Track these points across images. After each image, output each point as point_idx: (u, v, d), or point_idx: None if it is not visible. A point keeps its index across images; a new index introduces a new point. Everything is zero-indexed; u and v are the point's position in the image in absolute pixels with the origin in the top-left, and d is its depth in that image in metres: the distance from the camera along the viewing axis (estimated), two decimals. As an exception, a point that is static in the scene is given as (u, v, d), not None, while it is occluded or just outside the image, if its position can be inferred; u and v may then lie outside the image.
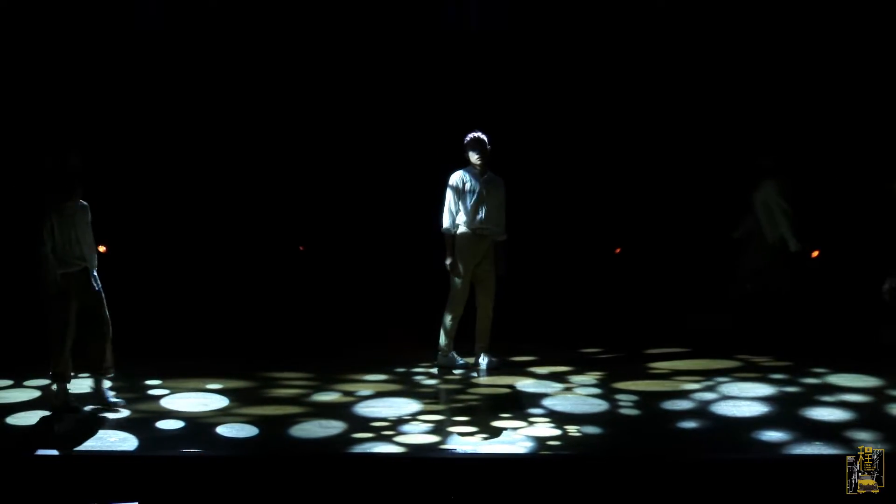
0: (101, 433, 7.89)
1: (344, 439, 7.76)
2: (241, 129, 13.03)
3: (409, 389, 9.17)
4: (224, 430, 7.93)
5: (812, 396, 8.86)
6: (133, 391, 8.95)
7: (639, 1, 13.26)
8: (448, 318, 9.64)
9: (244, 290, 12.50)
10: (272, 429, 8.02)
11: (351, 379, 9.42)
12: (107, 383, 8.62)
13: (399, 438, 7.78)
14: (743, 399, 8.82)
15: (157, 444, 7.66)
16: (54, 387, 8.42)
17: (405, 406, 8.60)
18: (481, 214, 9.54)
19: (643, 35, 13.13)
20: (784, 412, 8.44)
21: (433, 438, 7.77)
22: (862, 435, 7.86)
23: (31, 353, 9.43)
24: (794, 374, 9.57)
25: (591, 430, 7.99)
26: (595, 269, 13.08)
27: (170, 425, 8.05)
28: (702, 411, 8.56)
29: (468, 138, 9.59)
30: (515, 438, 7.77)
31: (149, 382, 9.20)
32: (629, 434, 7.98)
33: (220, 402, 8.72)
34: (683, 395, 8.95)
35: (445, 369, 9.70)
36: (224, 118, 12.99)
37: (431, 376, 9.64)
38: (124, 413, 8.35)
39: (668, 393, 8.99)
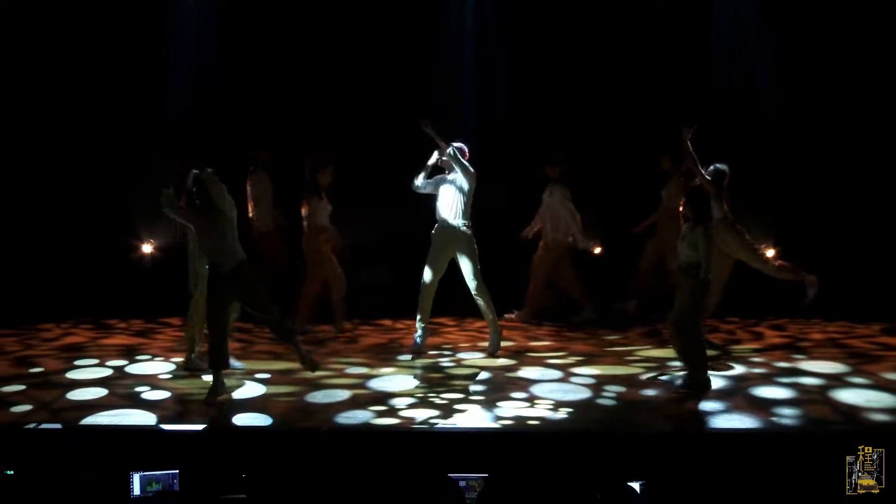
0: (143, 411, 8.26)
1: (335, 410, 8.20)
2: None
3: (421, 370, 9.47)
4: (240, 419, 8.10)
5: (773, 378, 9.14)
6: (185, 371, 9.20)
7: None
8: None
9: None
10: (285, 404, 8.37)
11: (379, 361, 9.71)
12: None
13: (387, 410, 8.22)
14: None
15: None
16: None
17: (408, 383, 8.96)
18: (439, 209, 9.78)
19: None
20: (734, 389, 8.80)
21: (421, 414, 8.15)
22: (786, 411, 8.24)
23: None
24: (772, 357, 9.89)
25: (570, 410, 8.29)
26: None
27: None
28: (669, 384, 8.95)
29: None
30: (499, 416, 8.10)
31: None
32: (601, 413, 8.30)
33: (257, 389, 8.80)
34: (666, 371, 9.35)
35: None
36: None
37: (446, 358, 9.91)
38: (166, 394, 8.64)
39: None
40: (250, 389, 8.76)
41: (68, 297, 12.27)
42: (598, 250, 11.52)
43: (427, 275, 9.80)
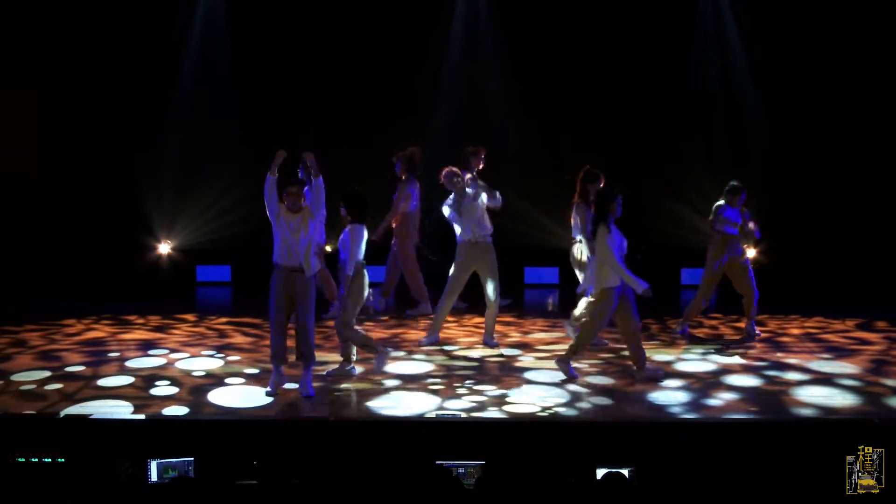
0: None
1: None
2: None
3: (423, 362, 9.46)
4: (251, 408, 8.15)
5: (760, 371, 9.22)
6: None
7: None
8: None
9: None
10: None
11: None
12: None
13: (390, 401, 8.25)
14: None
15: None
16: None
17: (410, 376, 8.97)
18: (466, 226, 9.85)
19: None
20: (715, 380, 8.89)
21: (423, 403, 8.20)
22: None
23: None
24: (753, 350, 9.98)
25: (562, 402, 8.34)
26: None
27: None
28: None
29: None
30: (496, 406, 8.13)
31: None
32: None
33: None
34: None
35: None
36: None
37: (446, 352, 9.88)
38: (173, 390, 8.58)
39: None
40: (261, 383, 8.74)
41: (89, 294, 12.33)
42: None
43: (457, 286, 9.93)
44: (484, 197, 9.81)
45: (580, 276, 9.86)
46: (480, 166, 10.63)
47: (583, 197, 9.74)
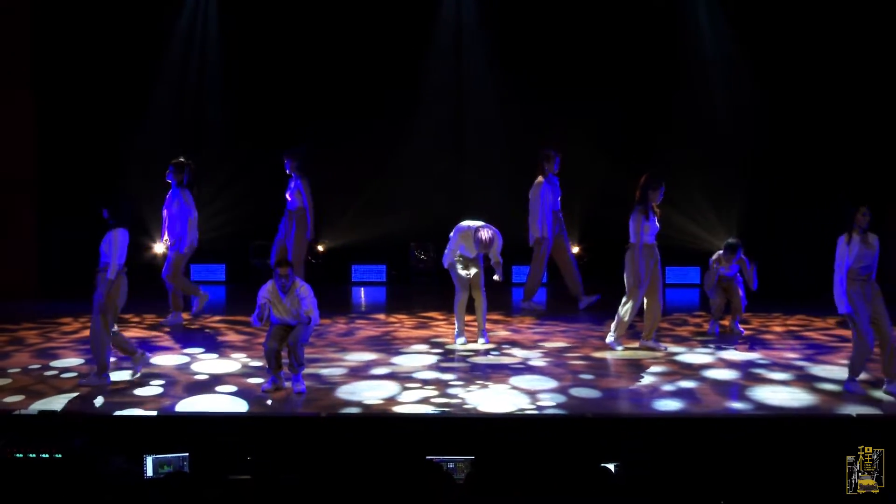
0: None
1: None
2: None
3: (413, 360, 9.48)
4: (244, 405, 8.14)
5: (732, 365, 9.31)
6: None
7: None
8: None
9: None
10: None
11: (374, 352, 9.75)
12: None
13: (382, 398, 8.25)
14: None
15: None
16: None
17: (401, 373, 8.97)
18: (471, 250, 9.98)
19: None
20: (698, 376, 8.92)
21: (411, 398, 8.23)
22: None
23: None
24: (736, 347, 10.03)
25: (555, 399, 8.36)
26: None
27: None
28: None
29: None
30: (484, 402, 8.15)
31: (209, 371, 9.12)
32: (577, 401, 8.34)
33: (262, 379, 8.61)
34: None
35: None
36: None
37: (436, 349, 9.94)
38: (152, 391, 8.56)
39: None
40: (256, 379, 8.78)
41: (86, 292, 12.31)
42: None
43: (466, 292, 10.03)
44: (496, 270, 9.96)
45: (627, 284, 9.65)
46: (555, 170, 11.19)
47: (642, 203, 9.46)
